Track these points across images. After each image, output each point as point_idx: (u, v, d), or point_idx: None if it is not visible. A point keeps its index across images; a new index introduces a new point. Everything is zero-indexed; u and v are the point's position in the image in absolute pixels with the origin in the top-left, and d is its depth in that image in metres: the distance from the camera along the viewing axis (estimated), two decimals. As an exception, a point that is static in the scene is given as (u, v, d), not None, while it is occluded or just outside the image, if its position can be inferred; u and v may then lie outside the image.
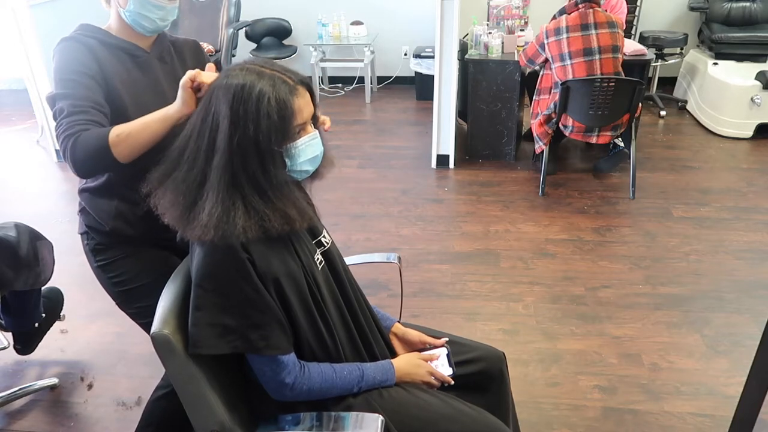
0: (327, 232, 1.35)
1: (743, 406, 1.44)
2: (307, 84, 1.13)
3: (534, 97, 3.66)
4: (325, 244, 1.31)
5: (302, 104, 1.10)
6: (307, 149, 1.14)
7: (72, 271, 2.28)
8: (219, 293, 1.11)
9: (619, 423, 1.94)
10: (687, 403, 2.01)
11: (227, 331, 1.11)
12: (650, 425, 1.93)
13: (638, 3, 4.85)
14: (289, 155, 1.12)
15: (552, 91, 3.47)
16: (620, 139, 3.61)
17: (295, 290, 1.16)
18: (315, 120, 1.17)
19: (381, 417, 1.20)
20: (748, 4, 4.73)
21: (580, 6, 3.22)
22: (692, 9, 4.88)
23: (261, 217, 1.08)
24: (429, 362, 1.37)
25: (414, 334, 1.45)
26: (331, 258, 1.31)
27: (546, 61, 3.42)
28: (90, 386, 2.17)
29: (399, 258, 1.74)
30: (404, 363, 1.33)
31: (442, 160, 3.92)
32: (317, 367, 1.20)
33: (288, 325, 1.15)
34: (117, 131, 1.24)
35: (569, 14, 3.25)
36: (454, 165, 3.91)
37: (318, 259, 1.25)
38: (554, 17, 3.37)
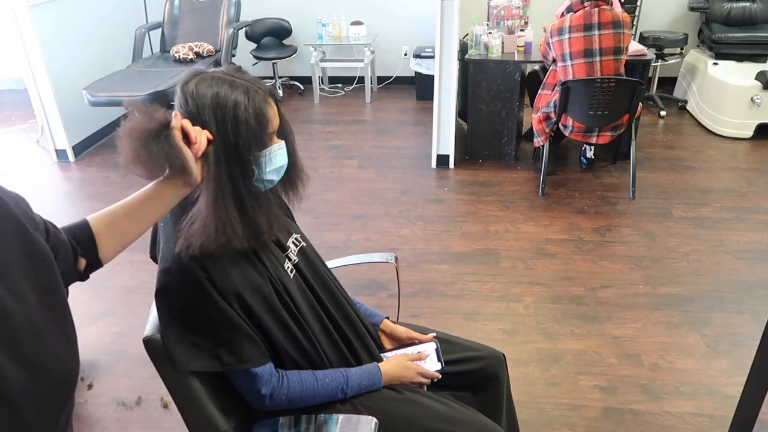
0: (301, 238, 1.32)
1: (743, 406, 1.44)
2: (274, 95, 1.13)
3: (539, 91, 3.62)
4: (294, 251, 1.27)
5: (273, 114, 1.10)
6: (276, 158, 1.13)
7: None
8: (180, 312, 1.09)
9: (619, 423, 1.94)
10: (687, 403, 2.01)
11: (196, 349, 1.09)
12: (650, 425, 1.93)
13: (638, 3, 4.85)
14: (257, 164, 1.10)
15: (555, 88, 3.45)
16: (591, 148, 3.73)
17: (261, 302, 1.13)
18: (278, 132, 1.16)
19: (374, 419, 1.19)
20: (748, 4, 4.73)
21: (586, 4, 3.16)
22: (692, 9, 4.88)
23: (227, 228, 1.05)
24: (418, 362, 1.36)
25: (401, 330, 1.45)
26: (307, 262, 1.29)
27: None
28: (90, 386, 2.17)
29: (396, 258, 1.74)
30: (392, 367, 1.32)
31: (442, 160, 3.92)
32: (297, 375, 1.19)
33: (260, 337, 1.14)
34: (93, 216, 0.99)
35: (575, 12, 3.20)
36: (454, 165, 3.91)
37: (288, 267, 1.23)
38: (562, 14, 3.35)
